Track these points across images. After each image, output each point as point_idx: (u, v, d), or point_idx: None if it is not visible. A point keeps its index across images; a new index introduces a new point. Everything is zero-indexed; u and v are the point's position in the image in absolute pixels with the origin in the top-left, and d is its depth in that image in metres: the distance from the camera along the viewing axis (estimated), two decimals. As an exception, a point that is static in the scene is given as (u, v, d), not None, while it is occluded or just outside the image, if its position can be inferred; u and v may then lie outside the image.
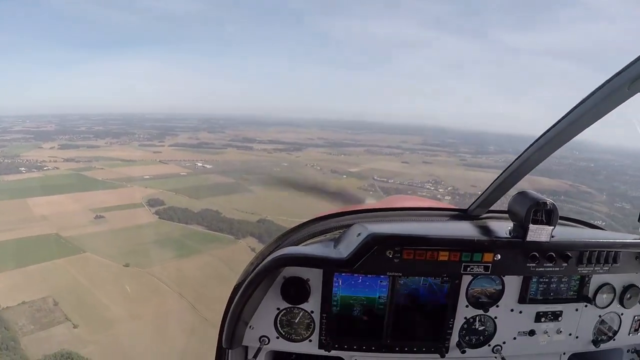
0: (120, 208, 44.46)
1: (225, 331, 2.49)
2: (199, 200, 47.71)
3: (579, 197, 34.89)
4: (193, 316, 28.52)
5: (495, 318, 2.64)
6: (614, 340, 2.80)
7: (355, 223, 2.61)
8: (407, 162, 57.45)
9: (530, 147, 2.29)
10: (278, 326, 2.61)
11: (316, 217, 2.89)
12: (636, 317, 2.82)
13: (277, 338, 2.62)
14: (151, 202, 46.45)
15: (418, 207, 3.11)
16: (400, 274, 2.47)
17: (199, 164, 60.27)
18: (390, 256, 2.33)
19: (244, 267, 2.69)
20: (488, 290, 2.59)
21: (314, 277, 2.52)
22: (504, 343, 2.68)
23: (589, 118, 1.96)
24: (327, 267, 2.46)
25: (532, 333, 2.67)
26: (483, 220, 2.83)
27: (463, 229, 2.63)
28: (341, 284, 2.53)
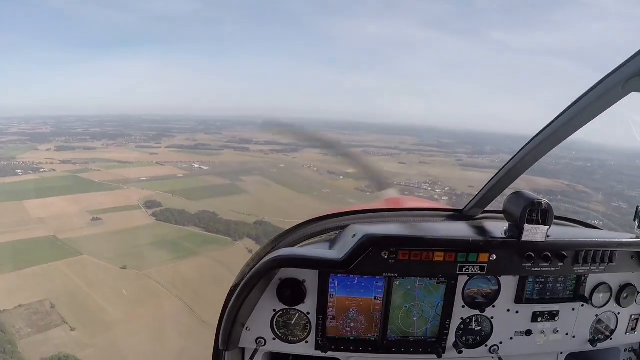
0: (117, 210, 44.31)
1: (221, 333, 2.48)
2: (196, 201, 47.67)
3: (576, 197, 35.05)
4: (190, 318, 28.50)
5: (491, 318, 2.64)
6: (611, 339, 2.80)
7: (350, 224, 2.61)
8: (404, 163, 57.39)
9: (525, 147, 2.29)
10: (274, 328, 2.60)
11: (312, 219, 2.89)
12: (633, 316, 2.82)
13: (274, 339, 2.62)
14: (148, 204, 46.36)
15: (413, 208, 3.11)
16: (396, 275, 2.46)
17: (196, 166, 60.14)
18: (385, 257, 2.33)
19: (241, 269, 2.69)
20: (484, 290, 2.59)
21: (310, 279, 2.52)
22: (501, 343, 2.68)
23: (584, 117, 1.97)
24: (323, 268, 2.46)
25: (529, 333, 2.67)
26: (479, 220, 2.83)
27: (458, 230, 2.63)
28: (337, 285, 2.53)
